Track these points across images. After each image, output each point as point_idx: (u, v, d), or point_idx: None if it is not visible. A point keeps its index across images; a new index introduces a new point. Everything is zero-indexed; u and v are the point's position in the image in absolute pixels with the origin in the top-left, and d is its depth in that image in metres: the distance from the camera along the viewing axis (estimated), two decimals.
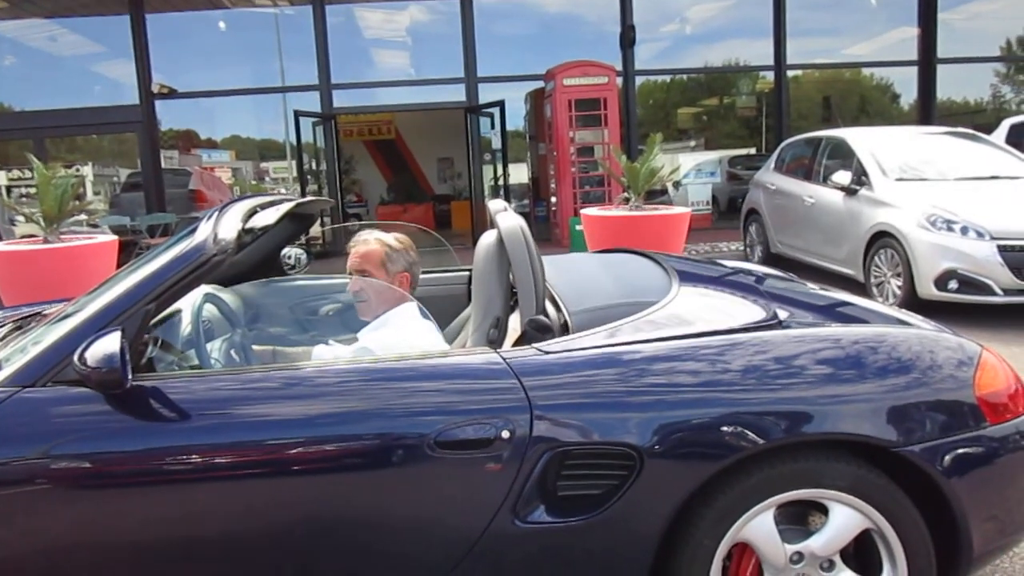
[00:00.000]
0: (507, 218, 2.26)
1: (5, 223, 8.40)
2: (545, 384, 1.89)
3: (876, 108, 15.46)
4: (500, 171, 11.93)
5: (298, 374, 1.96)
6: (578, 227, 9.18)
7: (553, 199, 11.58)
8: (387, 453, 1.84)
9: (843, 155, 7.04)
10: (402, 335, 2.26)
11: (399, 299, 2.39)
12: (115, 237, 6.37)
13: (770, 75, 13.30)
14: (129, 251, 10.15)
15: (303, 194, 11.29)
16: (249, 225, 2.18)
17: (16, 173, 13.22)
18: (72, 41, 13.30)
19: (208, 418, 1.86)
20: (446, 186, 18.00)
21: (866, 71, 15.43)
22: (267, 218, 2.22)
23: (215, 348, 2.41)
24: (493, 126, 12.03)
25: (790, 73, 13.09)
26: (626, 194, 6.99)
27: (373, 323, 2.37)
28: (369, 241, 2.47)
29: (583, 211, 7.31)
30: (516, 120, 14.38)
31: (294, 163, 13.25)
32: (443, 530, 1.88)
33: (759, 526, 1.88)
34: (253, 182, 17.32)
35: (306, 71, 11.93)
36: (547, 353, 1.95)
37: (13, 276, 5.90)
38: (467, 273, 3.38)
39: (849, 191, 6.60)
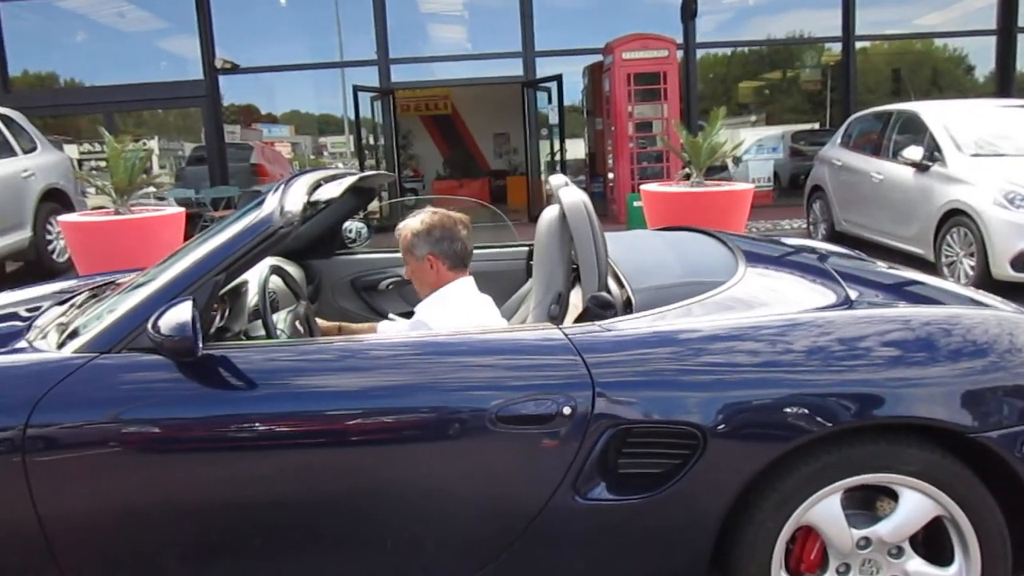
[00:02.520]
0: (570, 193, 2.24)
1: (78, 195, 8.67)
2: (607, 361, 1.87)
3: (949, 81, 14.82)
4: (557, 146, 11.83)
5: (361, 347, 1.99)
6: (636, 203, 9.05)
7: (610, 175, 11.45)
8: (447, 426, 1.86)
9: (915, 130, 6.78)
10: (458, 310, 2.26)
11: (438, 278, 2.38)
12: (182, 209, 6.54)
13: (836, 47, 12.86)
14: (194, 223, 10.42)
15: (361, 169, 11.40)
16: (314, 198, 2.20)
17: (87, 147, 13.63)
18: (140, 17, 13.58)
19: (273, 387, 1.90)
20: (502, 161, 17.95)
21: (939, 42, 14.78)
22: (331, 191, 2.24)
23: (280, 319, 2.46)
24: (550, 101, 11.92)
25: (858, 44, 12.63)
26: (687, 170, 6.85)
27: (429, 298, 2.38)
28: (400, 229, 2.44)
29: (643, 187, 7.19)
30: (573, 95, 14.26)
31: (352, 138, 13.35)
32: (502, 504, 1.89)
33: (825, 510, 1.85)
34: (312, 157, 17.53)
35: (364, 46, 11.98)
36: (610, 331, 1.93)
37: (86, 246, 6.11)
38: (525, 249, 3.37)
39: (921, 167, 6.36)
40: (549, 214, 2.24)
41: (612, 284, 2.20)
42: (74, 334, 2.05)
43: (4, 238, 7.28)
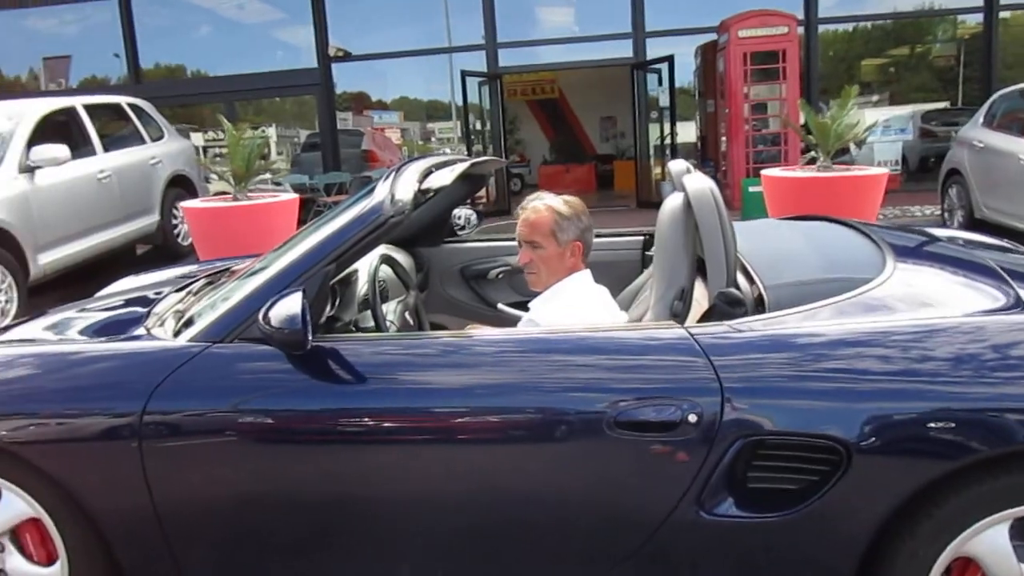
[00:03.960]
0: (695, 180, 2.07)
1: (202, 181, 9.05)
2: (738, 365, 1.71)
3: None
4: (667, 130, 11.49)
5: (473, 343, 1.90)
6: (751, 188, 8.67)
7: (723, 159, 11.03)
8: (561, 429, 1.75)
9: None
10: (574, 308, 2.13)
11: (571, 269, 2.24)
12: (296, 195, 6.69)
13: (972, 19, 11.91)
14: (308, 208, 10.71)
15: (469, 155, 11.42)
16: (425, 185, 2.12)
17: (211, 134, 14.26)
18: (258, 8, 14.06)
19: (380, 382, 1.85)
20: (608, 145, 17.65)
21: None
22: (442, 179, 2.16)
23: (390, 310, 2.41)
24: (660, 83, 11.56)
25: (1002, 15, 11.65)
26: (813, 153, 6.43)
27: (544, 294, 2.25)
28: (539, 208, 2.24)
29: (764, 172, 6.80)
30: (684, 76, 13.78)
31: (459, 123, 13.40)
32: (619, 515, 1.77)
33: (990, 541, 1.63)
34: (420, 142, 17.75)
35: (472, 30, 11.95)
36: (740, 331, 1.76)
37: (206, 231, 6.34)
38: (639, 237, 3.21)
39: None
40: (672, 203, 2.08)
41: (741, 279, 2.02)
42: (189, 322, 2.06)
43: (134, 222, 7.66)
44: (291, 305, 1.76)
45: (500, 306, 3.25)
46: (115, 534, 1.93)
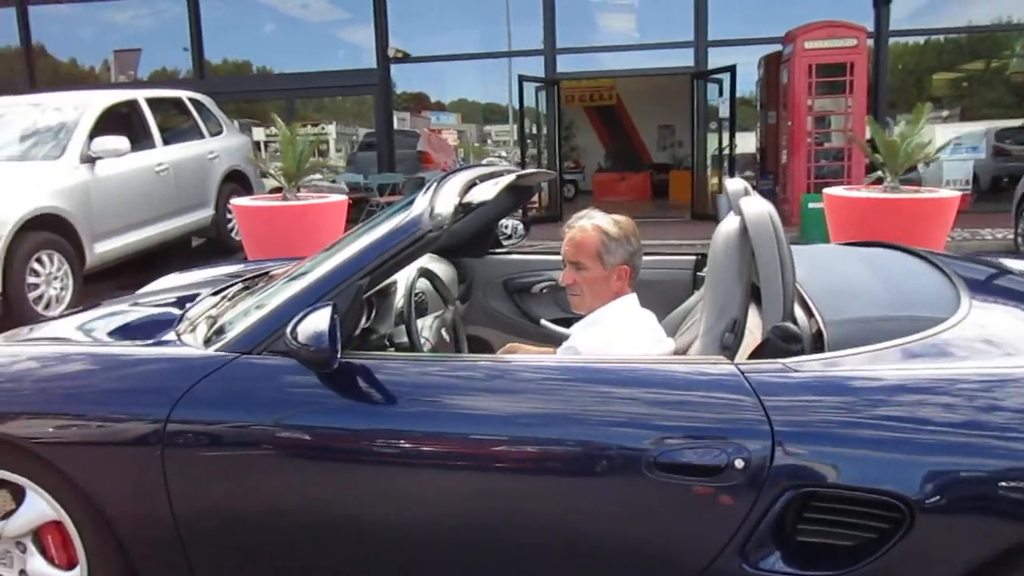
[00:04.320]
0: (753, 204, 1.94)
1: (258, 176, 9.15)
2: (791, 408, 1.58)
3: None
4: (726, 140, 11.25)
5: (506, 368, 1.81)
6: (811, 205, 8.41)
7: (782, 172, 10.74)
8: (600, 464, 1.64)
9: None
10: (618, 335, 2.01)
11: (616, 293, 2.12)
12: (344, 197, 6.68)
13: None
14: (361, 207, 10.76)
15: (523, 159, 11.35)
16: (466, 199, 2.04)
17: (272, 130, 14.46)
18: (322, 8, 14.22)
19: (411, 403, 1.78)
20: (665, 154, 17.39)
21: None
22: (485, 193, 2.07)
23: (426, 326, 2.33)
24: (721, 93, 11.32)
25: None
26: (879, 173, 6.15)
27: (587, 318, 2.14)
28: (586, 227, 2.11)
29: (827, 191, 6.53)
30: (744, 87, 13.49)
31: (515, 127, 13.35)
32: (655, 560, 1.66)
33: None
34: (476, 144, 17.77)
35: (532, 35, 11.87)
36: (797, 371, 1.63)
37: (254, 230, 6.36)
38: (691, 257, 3.08)
39: None
40: (728, 226, 1.96)
41: (798, 312, 1.89)
42: (221, 330, 2.01)
43: (190, 215, 7.77)
44: (319, 321, 1.69)
45: (543, 322, 3.15)
46: (133, 541, 1.90)
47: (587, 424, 1.67)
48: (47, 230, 5.75)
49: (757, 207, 1.91)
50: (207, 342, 1.98)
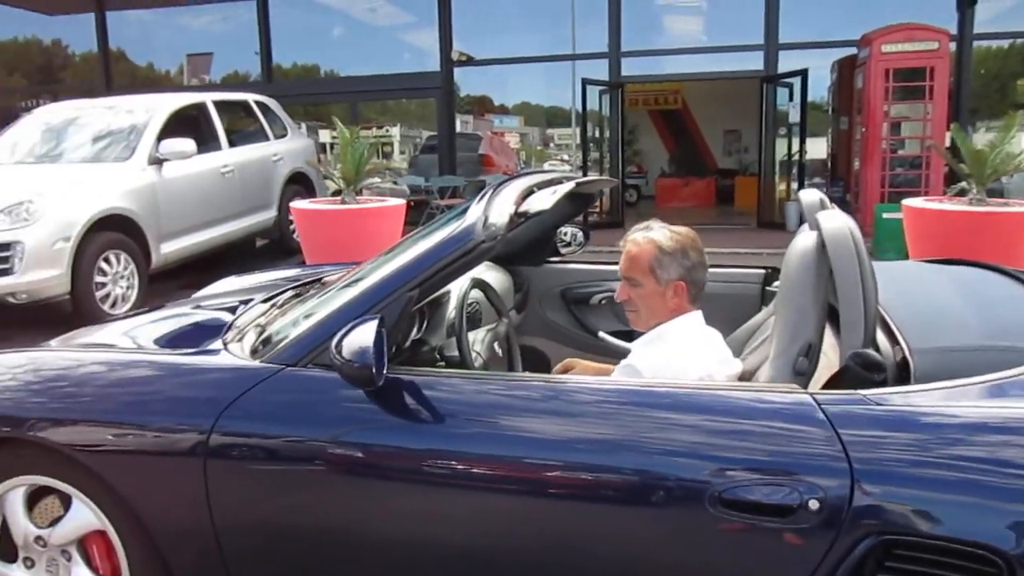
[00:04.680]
0: (832, 218, 1.80)
1: (321, 179, 9.24)
2: (874, 444, 1.44)
3: None
4: (795, 146, 10.91)
5: (560, 389, 1.71)
6: (885, 215, 8.07)
7: (855, 180, 10.35)
8: (655, 498, 1.52)
9: None
10: (678, 355, 1.88)
11: (674, 310, 1.98)
12: (402, 201, 6.65)
13: None
14: (422, 210, 10.79)
15: (584, 163, 11.21)
16: (523, 208, 1.94)
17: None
18: (389, 12, 14.33)
19: (459, 424, 1.69)
20: (731, 160, 17.02)
21: None
22: (542, 202, 1.97)
23: (478, 339, 2.24)
24: (791, 97, 10.98)
25: None
26: (964, 184, 5.81)
27: (646, 336, 2.01)
28: (639, 241, 1.98)
29: (906, 202, 6.20)
30: (816, 91, 13.10)
31: (578, 131, 13.22)
32: None
33: None
34: (539, 147, 17.70)
35: (596, 38, 11.72)
36: (880, 404, 1.49)
37: (312, 233, 6.38)
38: (759, 270, 2.93)
39: None
40: (804, 243, 1.81)
41: (880, 337, 1.73)
42: (268, 340, 1.96)
43: (254, 216, 7.88)
44: (364, 336, 1.61)
45: (601, 335, 3.03)
46: (172, 552, 1.86)
47: (645, 452, 1.55)
48: (115, 230, 5.88)
49: (837, 222, 1.76)
50: (254, 352, 1.93)
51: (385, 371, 1.63)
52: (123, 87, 12.38)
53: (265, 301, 2.50)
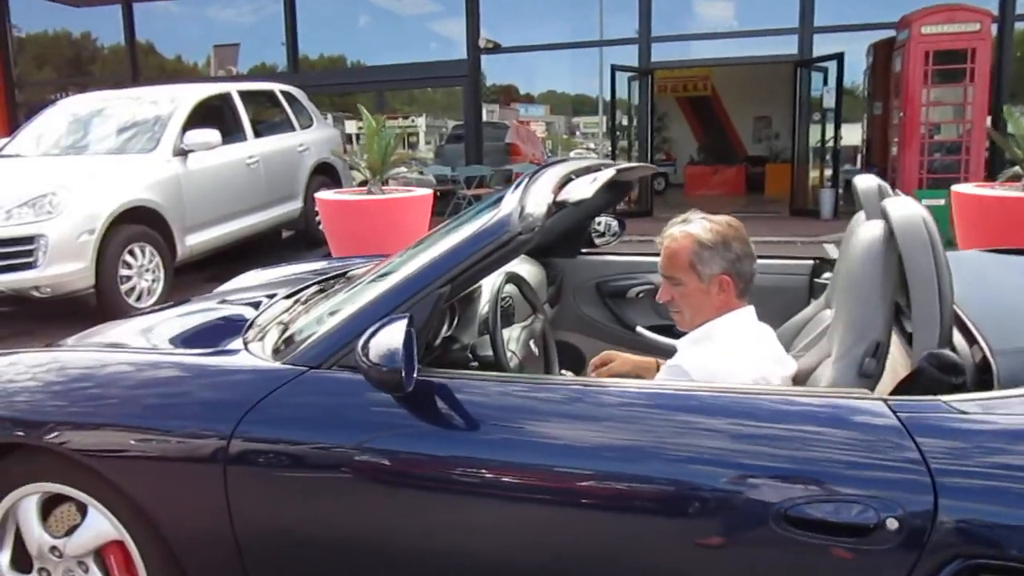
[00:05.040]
0: (902, 205, 1.64)
1: (346, 169, 9.15)
2: (958, 456, 1.30)
3: None
4: (830, 132, 10.64)
5: (602, 392, 1.57)
6: (925, 202, 7.80)
7: (891, 167, 10.05)
8: (712, 514, 1.39)
9: None
10: (729, 355, 1.73)
11: (720, 307, 1.83)
12: (429, 191, 6.52)
13: None
14: (448, 200, 10.68)
15: (613, 151, 11.03)
16: (561, 197, 1.80)
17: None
18: (415, 1, 14.23)
19: (494, 430, 1.57)
20: (761, 147, 16.69)
21: None
22: (581, 191, 1.83)
23: (512, 337, 2.10)
24: (826, 82, 10.70)
25: None
26: (1019, 168, 5.55)
27: (693, 334, 1.87)
28: (676, 236, 1.82)
29: (956, 188, 5.95)
30: (850, 76, 12.79)
31: (605, 118, 13.02)
32: None
33: None
34: (565, 136, 17.52)
35: (625, 24, 11.49)
36: (963, 411, 1.34)
37: (337, 224, 6.27)
38: (806, 261, 2.77)
39: None
40: (869, 232, 1.66)
41: (957, 337, 1.58)
42: (290, 340, 1.84)
43: (280, 207, 7.81)
44: (392, 337, 1.49)
45: (639, 329, 2.90)
46: (192, 562, 1.76)
47: (699, 463, 1.42)
48: (139, 223, 5.83)
49: (908, 209, 1.61)
50: (276, 351, 1.82)
51: (415, 374, 1.51)
52: (151, 79, 12.37)
53: (288, 297, 2.39)
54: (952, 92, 9.27)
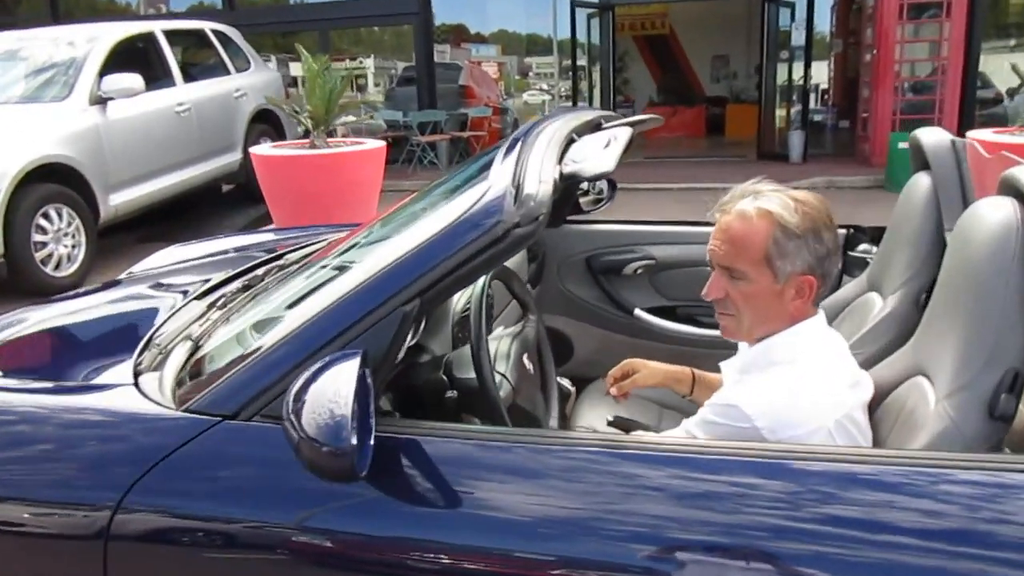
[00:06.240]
0: None
1: (290, 121, 8.43)
2: None
3: None
4: (799, 72, 10.23)
5: (639, 458, 1.12)
6: (901, 145, 7.47)
7: (862, 107, 9.71)
8: None
9: None
10: (806, 391, 1.27)
11: (795, 316, 1.34)
12: (382, 144, 5.87)
13: None
14: (401, 147, 10.02)
15: (574, 93, 10.47)
16: (569, 170, 1.31)
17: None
18: None
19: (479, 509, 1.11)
20: (720, 87, 16.23)
21: None
22: (599, 162, 1.32)
23: (500, 353, 1.59)
24: (793, 17, 10.25)
25: None
26: None
27: (747, 355, 1.40)
28: (747, 214, 1.30)
29: (971, 134, 5.55)
30: (818, 13, 12.38)
31: (558, 59, 12.40)
32: None
33: None
34: (517, 77, 16.89)
35: None
36: None
37: (276, 185, 5.51)
38: (840, 231, 2.33)
39: None
40: (996, 218, 1.20)
41: None
42: (198, 373, 1.34)
43: (216, 160, 7.14)
44: (337, 392, 1.01)
45: (638, 312, 2.46)
46: None
47: (793, 562, 0.98)
48: (54, 181, 5.17)
49: None
50: (179, 385, 1.32)
51: (372, 441, 1.03)
52: (74, 20, 11.34)
53: (205, 294, 1.86)
54: (927, 27, 8.91)
